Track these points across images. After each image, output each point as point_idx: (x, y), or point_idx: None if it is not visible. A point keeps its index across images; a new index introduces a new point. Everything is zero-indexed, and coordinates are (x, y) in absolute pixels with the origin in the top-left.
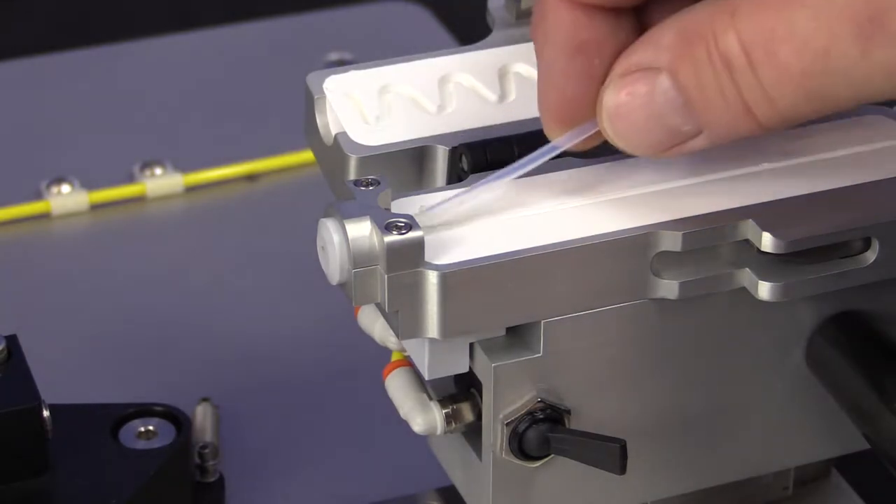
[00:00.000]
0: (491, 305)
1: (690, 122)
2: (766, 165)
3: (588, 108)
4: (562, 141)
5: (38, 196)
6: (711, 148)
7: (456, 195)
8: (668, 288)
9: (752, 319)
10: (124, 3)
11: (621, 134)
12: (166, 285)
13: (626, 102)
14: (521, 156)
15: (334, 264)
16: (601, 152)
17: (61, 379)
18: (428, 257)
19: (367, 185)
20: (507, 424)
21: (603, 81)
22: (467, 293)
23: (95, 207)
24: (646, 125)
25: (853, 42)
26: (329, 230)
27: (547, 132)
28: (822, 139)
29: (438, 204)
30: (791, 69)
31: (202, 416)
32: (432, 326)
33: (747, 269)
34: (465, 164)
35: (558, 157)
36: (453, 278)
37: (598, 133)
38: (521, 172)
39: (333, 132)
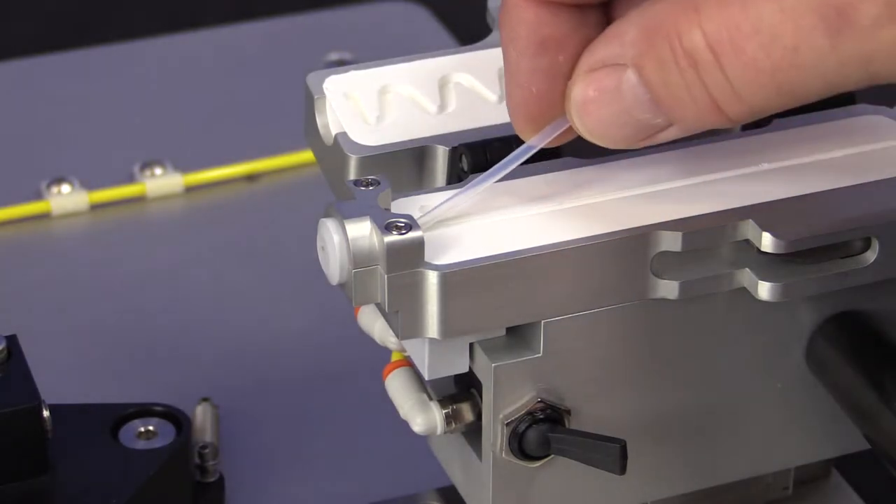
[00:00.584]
0: (491, 305)
1: (660, 116)
2: (766, 165)
3: (556, 104)
4: (536, 140)
5: (38, 196)
6: (684, 136)
7: (445, 200)
8: (668, 288)
9: (751, 319)
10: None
11: (592, 129)
12: (166, 285)
13: (595, 98)
14: None
15: (334, 264)
16: (601, 152)
17: (61, 379)
18: (428, 257)
19: (367, 185)
20: (507, 424)
21: (569, 78)
22: (467, 293)
23: (95, 207)
24: (616, 120)
25: (822, 35)
26: (329, 230)
27: (518, 132)
28: (822, 139)
29: (429, 212)
30: (759, 65)
31: (202, 416)
32: (432, 326)
33: (747, 269)
34: (465, 164)
35: (556, 157)
36: (453, 278)
37: (571, 129)
38: (499, 176)
39: (333, 132)
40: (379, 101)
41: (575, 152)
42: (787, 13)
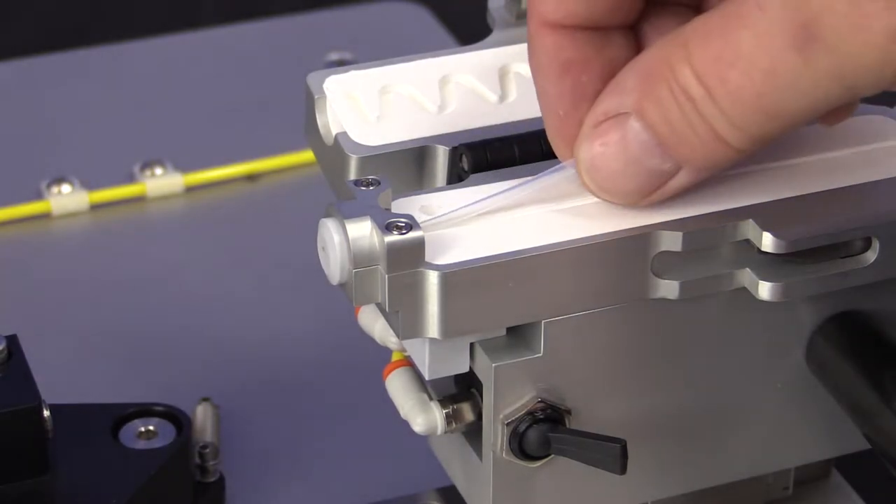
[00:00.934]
0: (491, 305)
1: (668, 161)
2: (766, 165)
3: None
4: (571, 163)
5: (38, 196)
6: (696, 184)
7: (467, 205)
8: (669, 288)
9: (752, 319)
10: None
11: (602, 185)
12: (166, 285)
13: (601, 152)
14: (521, 155)
15: (335, 264)
16: None
17: (61, 379)
18: (428, 257)
19: (368, 185)
20: (508, 424)
21: (595, 96)
22: (468, 293)
23: (95, 207)
24: (625, 171)
25: (794, 54)
26: (329, 230)
27: (559, 157)
28: (822, 139)
29: (449, 213)
30: (744, 93)
31: (202, 416)
32: (433, 326)
33: (747, 268)
34: (465, 164)
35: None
36: (454, 278)
37: None
38: (536, 188)
39: (334, 132)
40: (379, 100)
41: None
42: (760, 37)
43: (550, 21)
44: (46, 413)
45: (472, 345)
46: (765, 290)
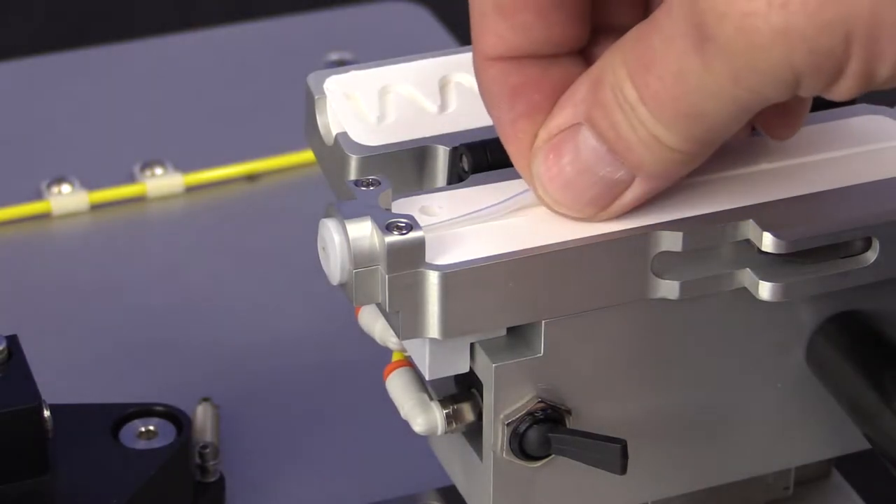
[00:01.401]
0: (491, 305)
1: (621, 169)
2: (766, 165)
3: None
4: None
5: (38, 196)
6: (652, 194)
7: (468, 214)
8: (669, 288)
9: (752, 319)
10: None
11: (557, 197)
12: (166, 285)
13: (554, 164)
14: None
15: (335, 264)
16: None
17: (62, 379)
18: (429, 258)
19: (368, 185)
20: (508, 424)
21: (549, 113)
22: (468, 293)
23: (95, 207)
24: (577, 182)
25: (694, 56)
26: (330, 230)
27: (528, 183)
28: (822, 139)
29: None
30: (661, 96)
31: (202, 416)
32: (433, 327)
33: (748, 269)
34: (465, 164)
35: None
36: (454, 278)
37: None
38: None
39: (334, 132)
40: (379, 101)
41: None
42: (667, 40)
43: (492, 56)
44: (46, 413)
45: (472, 345)
46: (765, 290)
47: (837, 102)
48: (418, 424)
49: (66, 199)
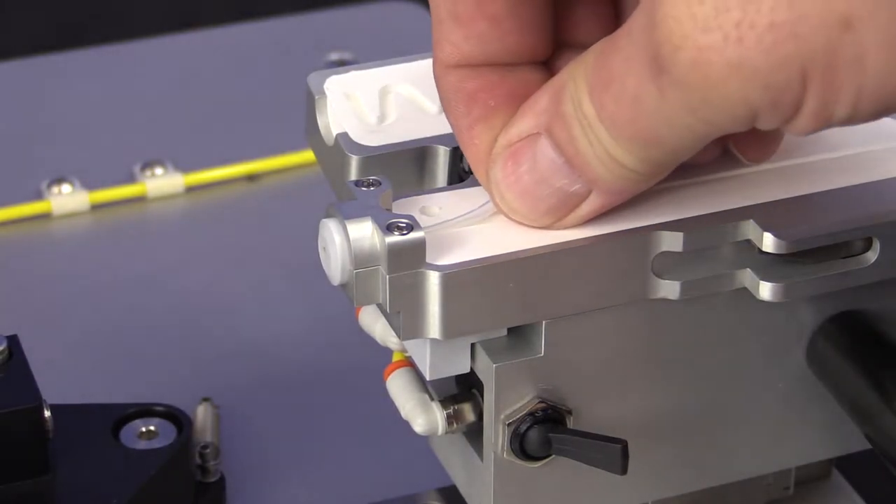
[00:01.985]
0: (492, 306)
1: (577, 182)
2: (766, 165)
3: None
4: None
5: (38, 196)
6: (608, 207)
7: (468, 213)
8: (670, 288)
9: (752, 320)
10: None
11: (513, 205)
12: (166, 285)
13: (512, 172)
14: None
15: (335, 265)
16: None
17: (62, 379)
18: (429, 258)
19: (369, 185)
20: (509, 425)
21: (506, 121)
22: (468, 294)
23: (96, 207)
24: (534, 191)
25: (650, 83)
26: (330, 231)
27: (482, 184)
28: (822, 139)
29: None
30: (617, 118)
31: (203, 416)
32: (434, 327)
33: (748, 269)
34: (465, 165)
35: None
36: (454, 279)
37: None
38: None
39: (334, 132)
40: (380, 101)
41: None
42: (626, 63)
43: (450, 64)
44: (47, 413)
45: (472, 345)
46: (765, 290)
47: None
48: (419, 425)
49: (66, 199)
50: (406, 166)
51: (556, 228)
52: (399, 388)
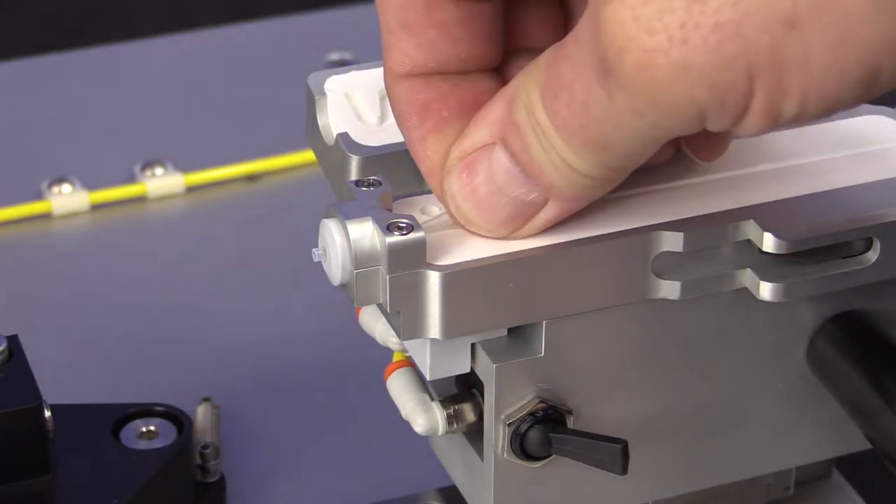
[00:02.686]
0: (492, 306)
1: (534, 190)
2: (766, 165)
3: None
4: None
5: (38, 196)
6: (566, 215)
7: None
8: (670, 288)
9: (753, 320)
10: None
11: (469, 216)
12: (166, 285)
13: (467, 183)
14: None
15: (336, 265)
16: None
17: (62, 379)
18: (429, 258)
19: (369, 185)
20: (509, 425)
21: (459, 131)
22: (469, 294)
23: (96, 207)
24: (490, 202)
25: (598, 88)
26: (331, 231)
27: (436, 196)
28: (822, 139)
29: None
30: (569, 124)
31: (203, 416)
32: (434, 327)
33: (749, 269)
34: None
35: None
36: (455, 279)
37: None
38: None
39: (335, 132)
40: (380, 101)
41: None
42: (574, 69)
43: (401, 73)
44: (47, 413)
45: (473, 345)
46: (766, 290)
47: None
48: (419, 425)
49: (67, 199)
50: (406, 166)
51: (512, 239)
52: (399, 388)
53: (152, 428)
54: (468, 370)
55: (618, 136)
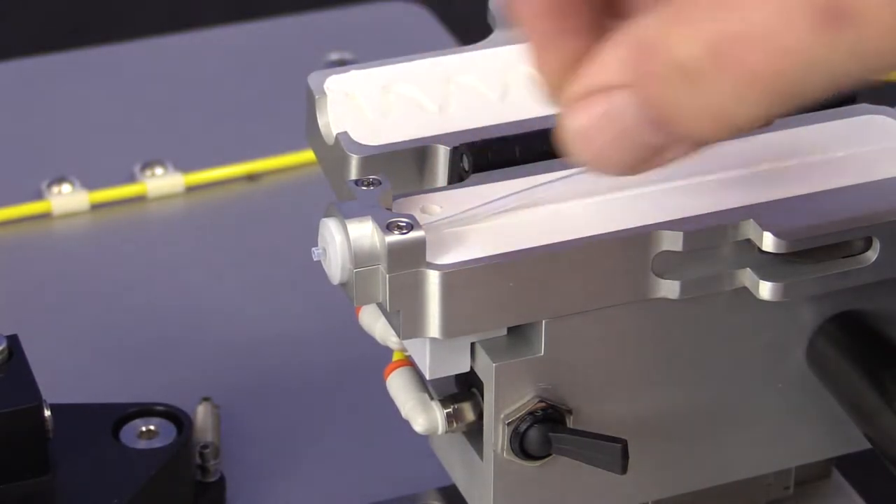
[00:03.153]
0: (492, 305)
1: (661, 137)
2: (766, 165)
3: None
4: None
5: (38, 196)
6: (688, 154)
7: (468, 210)
8: (670, 288)
9: (753, 319)
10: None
11: (592, 158)
12: (166, 285)
13: (590, 125)
14: (522, 155)
15: (335, 264)
16: None
17: (62, 379)
18: (429, 257)
19: (369, 184)
20: (509, 424)
21: (589, 32)
22: (468, 293)
23: (96, 207)
24: (617, 145)
25: (818, 33)
26: (330, 230)
27: (546, 95)
28: (822, 139)
29: (450, 217)
30: (758, 71)
31: (203, 416)
32: (433, 326)
33: (748, 268)
34: (466, 164)
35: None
36: (455, 278)
37: None
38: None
39: (335, 132)
40: (380, 100)
41: None
42: (781, 16)
43: None
44: (47, 413)
45: (472, 344)
46: (765, 289)
47: (837, 102)
48: (419, 424)
49: (66, 199)
50: (406, 166)
51: (633, 174)
52: (399, 387)
53: (152, 428)
54: (468, 369)
55: (814, 84)
